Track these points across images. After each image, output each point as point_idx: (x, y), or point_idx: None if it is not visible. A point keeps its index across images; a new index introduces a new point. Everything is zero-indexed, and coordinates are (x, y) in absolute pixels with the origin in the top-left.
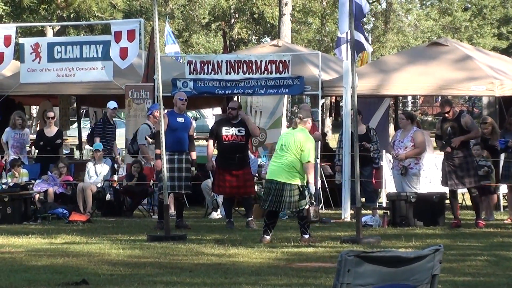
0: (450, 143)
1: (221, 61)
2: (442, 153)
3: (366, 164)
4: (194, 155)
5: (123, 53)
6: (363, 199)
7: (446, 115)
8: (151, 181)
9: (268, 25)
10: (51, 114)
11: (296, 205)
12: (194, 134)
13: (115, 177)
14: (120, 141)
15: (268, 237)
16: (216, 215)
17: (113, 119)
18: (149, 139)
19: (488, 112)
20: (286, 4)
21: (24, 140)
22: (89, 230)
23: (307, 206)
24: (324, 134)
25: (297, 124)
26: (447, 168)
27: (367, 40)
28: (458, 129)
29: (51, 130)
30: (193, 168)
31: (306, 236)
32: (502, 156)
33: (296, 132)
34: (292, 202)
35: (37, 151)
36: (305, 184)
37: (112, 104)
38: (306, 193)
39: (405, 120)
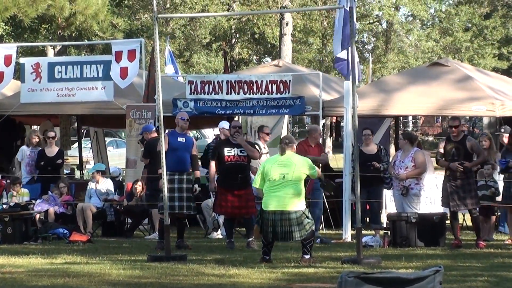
0: (457, 161)
1: (222, 81)
2: (443, 173)
3: (376, 184)
4: (198, 173)
5: (123, 73)
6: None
7: (454, 129)
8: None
9: (269, 45)
10: (51, 134)
11: (305, 231)
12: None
13: (116, 197)
14: (121, 160)
15: (307, 257)
16: (216, 234)
17: (116, 139)
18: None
19: (489, 133)
20: (287, 24)
21: None
22: (90, 250)
23: (313, 227)
24: None
25: (285, 150)
26: (449, 189)
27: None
28: (463, 151)
29: (52, 150)
30: (196, 186)
31: (307, 257)
32: (500, 176)
33: (291, 158)
34: (301, 230)
35: (37, 171)
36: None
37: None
38: (309, 215)
39: (402, 141)
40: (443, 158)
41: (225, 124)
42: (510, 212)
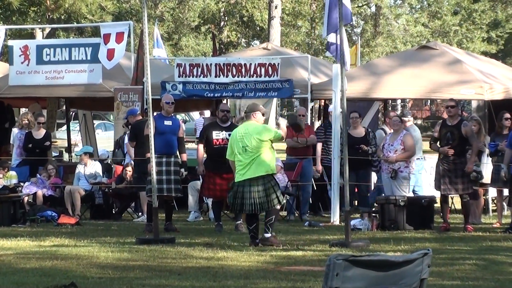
0: (451, 145)
1: (211, 64)
2: (436, 155)
3: (364, 167)
4: (184, 156)
5: (110, 54)
6: (356, 202)
7: (450, 108)
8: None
9: (258, 28)
10: (41, 119)
11: (267, 206)
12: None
13: (104, 180)
14: (109, 143)
15: (268, 235)
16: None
17: (105, 121)
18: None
19: (477, 116)
20: (276, 7)
21: None
22: (78, 233)
23: (278, 206)
24: None
25: (245, 120)
26: (442, 172)
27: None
28: (458, 136)
29: (39, 133)
30: (183, 170)
31: (267, 235)
32: (489, 159)
33: (248, 128)
34: (264, 203)
35: (25, 153)
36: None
37: None
38: (278, 192)
39: (398, 122)
40: (438, 142)
41: None
42: (498, 195)
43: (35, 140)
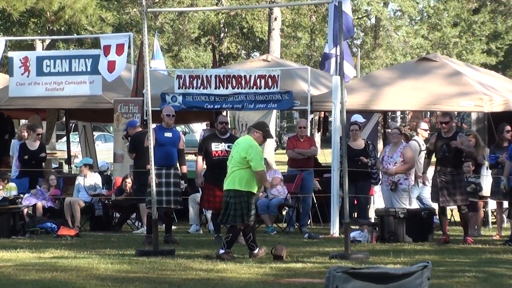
0: (447, 158)
1: (210, 76)
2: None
3: (364, 179)
4: (184, 168)
5: (111, 67)
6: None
7: (444, 125)
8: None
9: (258, 40)
10: (39, 130)
11: (235, 220)
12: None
13: (104, 192)
14: (109, 155)
15: (256, 251)
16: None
17: (104, 133)
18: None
19: (477, 128)
20: (276, 19)
21: None
22: (78, 245)
23: (241, 226)
24: None
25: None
26: (439, 184)
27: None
28: (454, 148)
29: (35, 144)
30: (183, 182)
31: (221, 251)
32: (488, 172)
33: (241, 141)
34: (233, 217)
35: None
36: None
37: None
38: (250, 212)
39: (397, 134)
40: (433, 154)
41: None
42: (498, 208)
43: (30, 151)
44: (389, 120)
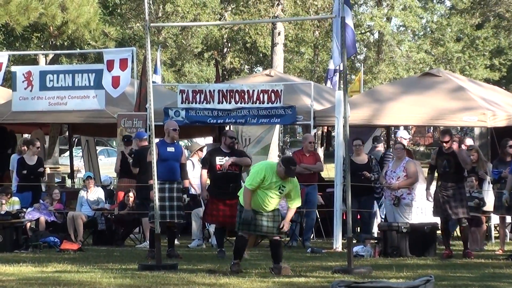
0: (448, 173)
1: (213, 91)
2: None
3: (367, 194)
4: (187, 183)
5: (115, 82)
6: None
7: (445, 144)
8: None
9: (261, 55)
10: (38, 144)
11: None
12: (186, 162)
13: (107, 206)
14: (112, 169)
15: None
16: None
17: (107, 148)
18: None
19: (480, 143)
20: (279, 33)
21: None
22: (81, 259)
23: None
24: None
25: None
26: (441, 199)
27: None
28: (454, 163)
29: (33, 158)
30: (185, 196)
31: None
32: (490, 186)
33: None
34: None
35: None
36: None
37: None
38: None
39: (400, 150)
40: (435, 170)
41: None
42: (501, 222)
43: (28, 166)
44: (392, 135)
